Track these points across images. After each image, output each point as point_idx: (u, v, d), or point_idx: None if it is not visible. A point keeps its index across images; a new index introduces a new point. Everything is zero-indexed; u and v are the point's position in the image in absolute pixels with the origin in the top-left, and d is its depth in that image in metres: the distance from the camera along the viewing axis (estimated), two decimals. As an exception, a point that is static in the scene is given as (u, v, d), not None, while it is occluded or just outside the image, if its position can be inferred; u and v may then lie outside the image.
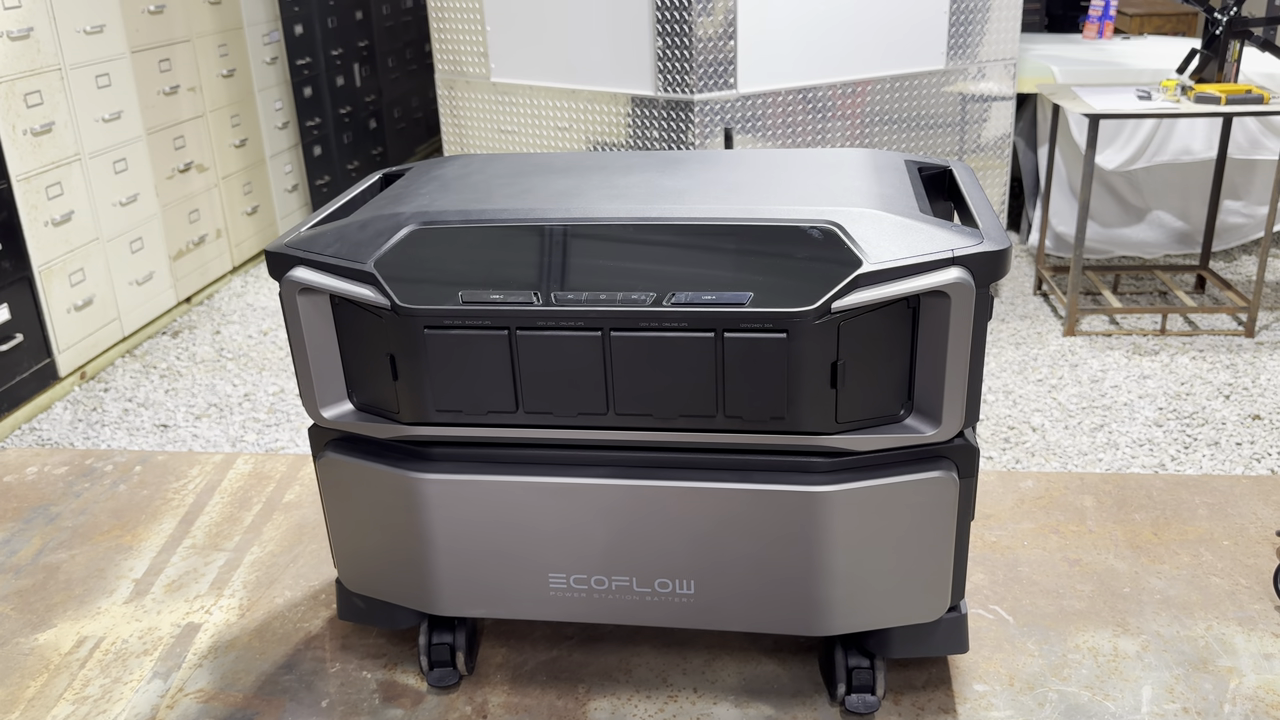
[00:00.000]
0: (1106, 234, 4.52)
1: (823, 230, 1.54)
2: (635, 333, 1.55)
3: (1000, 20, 3.95)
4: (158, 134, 4.01)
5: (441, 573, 1.77)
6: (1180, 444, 3.00)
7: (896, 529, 1.64)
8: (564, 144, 3.80)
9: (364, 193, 1.97)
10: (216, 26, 4.38)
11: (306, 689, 1.94)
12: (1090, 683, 1.89)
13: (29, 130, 3.30)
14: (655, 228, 1.58)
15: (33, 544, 2.44)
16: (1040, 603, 2.11)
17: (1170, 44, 5.04)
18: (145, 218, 3.94)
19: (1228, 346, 3.66)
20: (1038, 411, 3.22)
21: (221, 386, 3.57)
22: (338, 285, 1.61)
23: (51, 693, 1.96)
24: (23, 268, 3.30)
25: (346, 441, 1.78)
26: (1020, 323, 3.93)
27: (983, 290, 1.52)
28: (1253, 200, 4.46)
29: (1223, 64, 3.68)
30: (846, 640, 1.82)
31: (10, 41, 3.22)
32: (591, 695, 1.90)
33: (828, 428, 1.58)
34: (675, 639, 2.04)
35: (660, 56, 3.42)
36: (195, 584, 2.27)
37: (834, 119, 3.73)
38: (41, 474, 2.76)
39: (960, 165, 1.95)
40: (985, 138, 4.13)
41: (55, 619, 2.17)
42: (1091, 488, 2.52)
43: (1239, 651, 1.96)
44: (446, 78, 4.06)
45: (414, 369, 1.61)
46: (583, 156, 1.98)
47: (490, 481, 1.69)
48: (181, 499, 2.61)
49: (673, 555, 1.70)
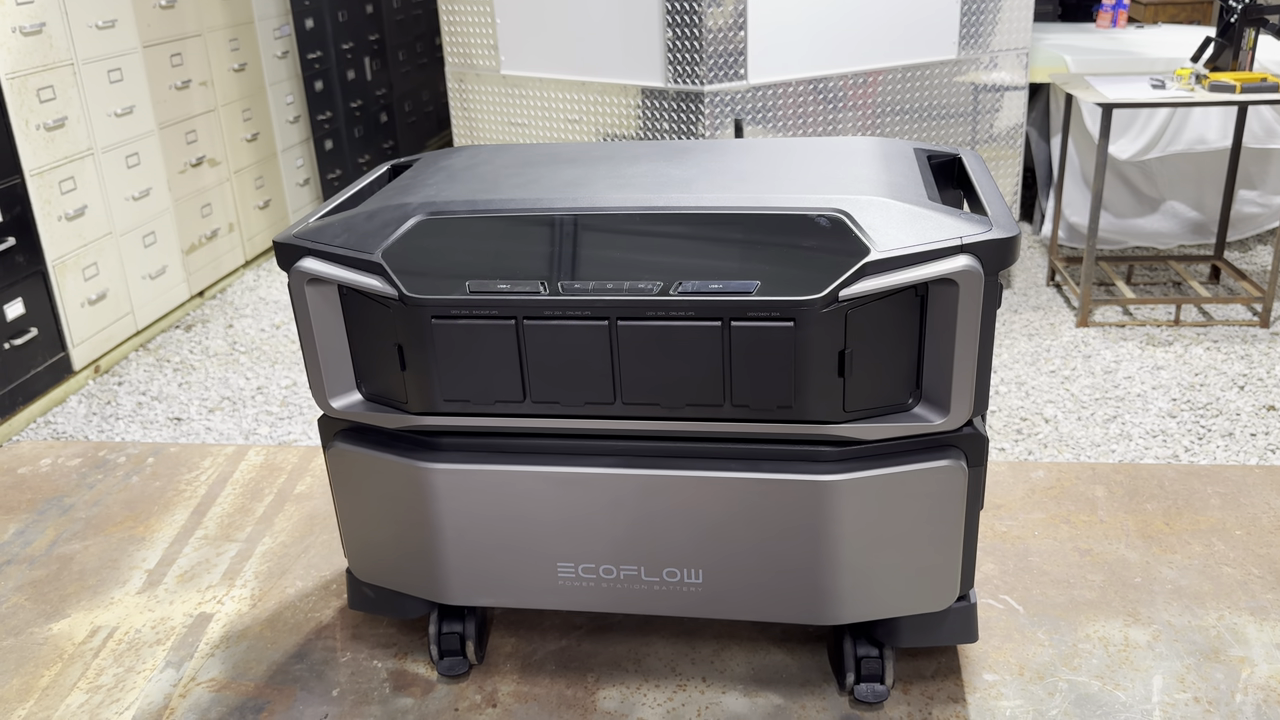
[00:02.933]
0: (1120, 224, 4.49)
1: (830, 218, 1.53)
2: (642, 322, 1.55)
3: (1012, 9, 3.93)
4: (170, 128, 4.02)
5: (451, 562, 1.77)
6: (1194, 435, 2.98)
7: (905, 518, 1.64)
8: (574, 136, 3.79)
9: (372, 183, 1.97)
10: (227, 21, 4.40)
11: (317, 678, 1.95)
12: (1101, 672, 1.89)
13: (42, 125, 3.32)
14: (662, 217, 1.58)
15: (47, 535, 2.46)
16: (1051, 592, 2.10)
17: (1185, 32, 5.00)
18: (158, 212, 3.95)
19: (1242, 337, 3.63)
20: (1050, 403, 3.20)
21: (234, 380, 3.58)
22: (346, 275, 1.61)
23: (65, 682, 1.97)
24: (37, 262, 3.32)
25: (355, 432, 1.79)
26: (1033, 314, 3.91)
27: (992, 278, 1.52)
28: (1268, 190, 4.43)
29: (1238, 52, 3.65)
30: (855, 629, 1.82)
31: (23, 37, 3.24)
32: (601, 684, 1.91)
33: (835, 417, 1.57)
34: (684, 628, 2.04)
35: (670, 48, 3.42)
36: (207, 574, 2.28)
37: (845, 109, 3.72)
38: (55, 466, 2.78)
39: (970, 153, 1.94)
40: (998, 128, 4.11)
41: (69, 609, 2.19)
42: (1103, 477, 2.51)
43: (1251, 641, 1.95)
44: (457, 71, 4.06)
45: (422, 359, 1.62)
46: (590, 147, 1.98)
47: (499, 471, 1.69)
48: (194, 490, 2.62)
49: (681, 545, 1.70)
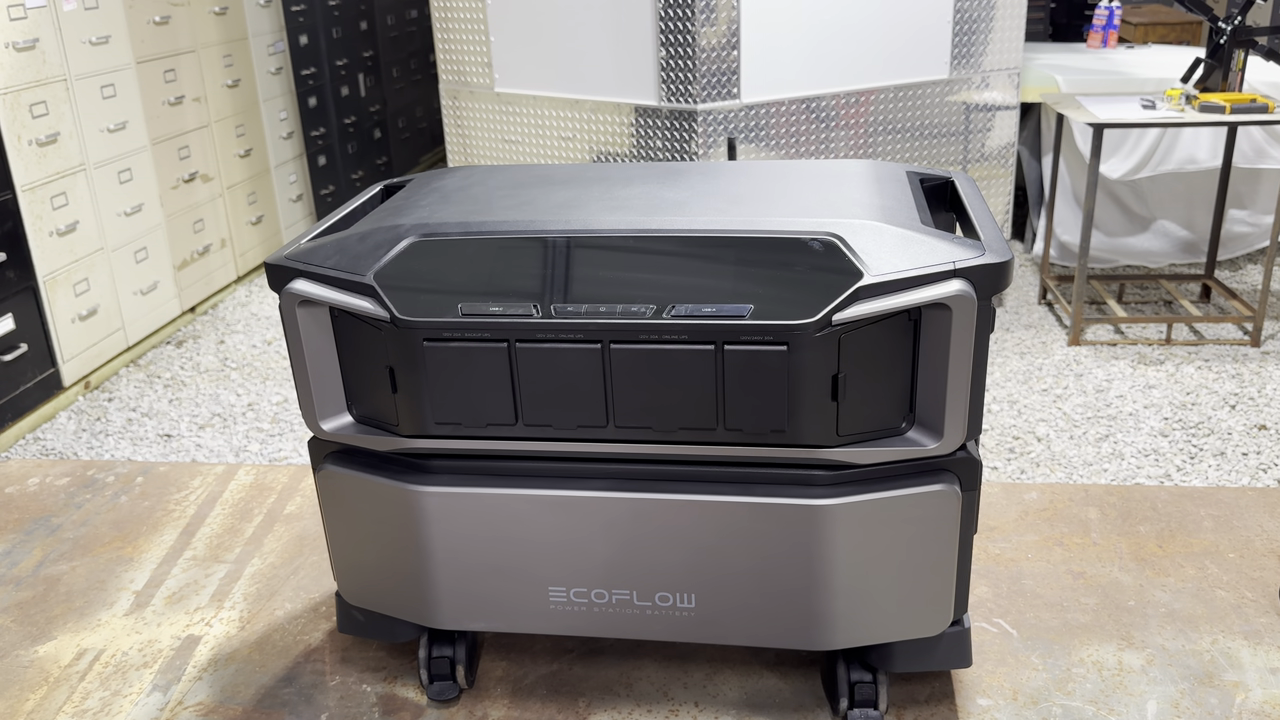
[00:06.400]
0: (1111, 243, 4.51)
1: (823, 242, 1.53)
2: (635, 345, 1.54)
3: (1004, 29, 3.95)
4: (162, 144, 4.01)
5: (441, 586, 1.76)
6: (1186, 454, 2.98)
7: (898, 542, 1.63)
8: (568, 154, 3.80)
9: (365, 204, 1.97)
10: (221, 37, 4.40)
11: (306, 702, 1.93)
12: (1095, 697, 1.88)
13: (34, 140, 3.31)
14: (655, 239, 1.58)
15: (34, 555, 2.43)
16: (1044, 616, 2.10)
17: (1175, 53, 5.03)
18: (150, 228, 3.94)
19: (1233, 356, 3.64)
20: (1043, 421, 3.20)
21: (225, 396, 3.56)
22: (337, 297, 1.61)
23: (51, 705, 1.95)
24: (27, 277, 3.30)
25: (346, 454, 1.77)
26: (1025, 332, 3.91)
27: (984, 302, 1.52)
28: (1258, 209, 4.45)
29: (1227, 73, 3.67)
30: (849, 654, 1.81)
31: (16, 52, 3.23)
32: (592, 709, 1.89)
33: (828, 440, 1.57)
34: (676, 653, 2.02)
35: (663, 66, 3.42)
36: (195, 596, 2.27)
37: (837, 129, 3.73)
38: (43, 485, 2.76)
39: (962, 176, 1.95)
40: (989, 147, 4.12)
41: (55, 631, 2.16)
42: (1096, 500, 2.50)
43: (1245, 666, 1.94)
44: (451, 88, 4.07)
45: (413, 381, 1.61)
46: (583, 168, 1.98)
47: (490, 494, 1.68)
48: (183, 510, 2.61)
49: (673, 568, 1.69)
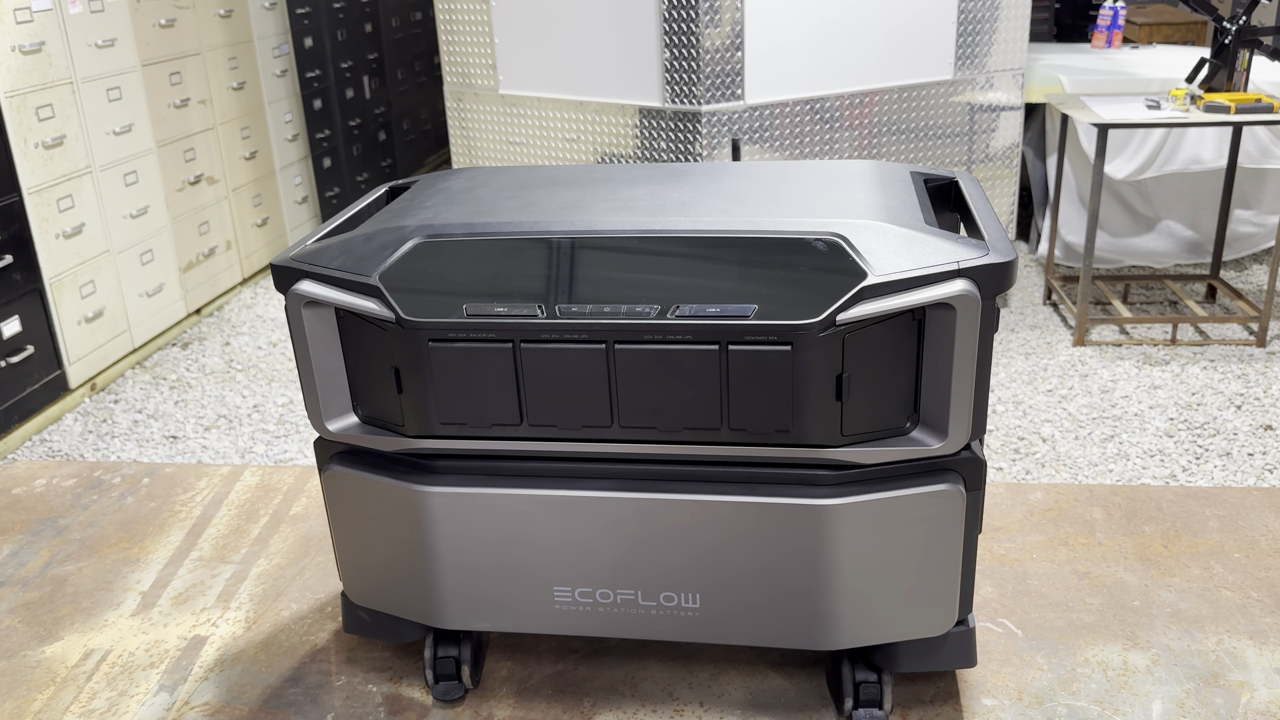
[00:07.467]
0: (1116, 243, 4.50)
1: (827, 242, 1.53)
2: (640, 345, 1.54)
3: (1008, 30, 3.95)
4: (168, 146, 4.03)
5: (446, 586, 1.76)
6: (1191, 455, 2.98)
7: (903, 542, 1.63)
8: (572, 155, 3.80)
9: (370, 205, 1.97)
10: (227, 40, 4.41)
11: (312, 702, 1.94)
12: (1100, 697, 1.88)
13: (40, 143, 3.32)
14: (660, 240, 1.58)
15: (40, 556, 2.44)
16: (1049, 616, 2.10)
17: (1179, 53, 5.03)
18: (155, 230, 3.95)
19: (1239, 356, 3.64)
20: (1048, 422, 3.20)
21: (231, 398, 3.57)
22: (343, 298, 1.61)
23: (58, 706, 1.96)
24: (34, 280, 3.31)
25: (351, 454, 1.78)
26: (1030, 333, 3.91)
27: (988, 302, 1.52)
28: (1263, 209, 4.44)
29: (1232, 73, 3.67)
30: (854, 654, 1.81)
31: (22, 55, 3.25)
32: (597, 709, 1.89)
33: (833, 440, 1.57)
34: (681, 653, 2.03)
35: (667, 68, 3.43)
36: (202, 597, 2.27)
37: (842, 129, 3.73)
38: (50, 486, 2.77)
39: (966, 176, 1.95)
40: (994, 147, 4.12)
41: (62, 631, 2.17)
42: (1101, 500, 2.50)
43: (1250, 666, 1.94)
44: (455, 90, 4.07)
45: (418, 382, 1.61)
46: (587, 169, 1.98)
47: (495, 494, 1.69)
48: (189, 511, 2.61)
49: (678, 569, 1.69)
